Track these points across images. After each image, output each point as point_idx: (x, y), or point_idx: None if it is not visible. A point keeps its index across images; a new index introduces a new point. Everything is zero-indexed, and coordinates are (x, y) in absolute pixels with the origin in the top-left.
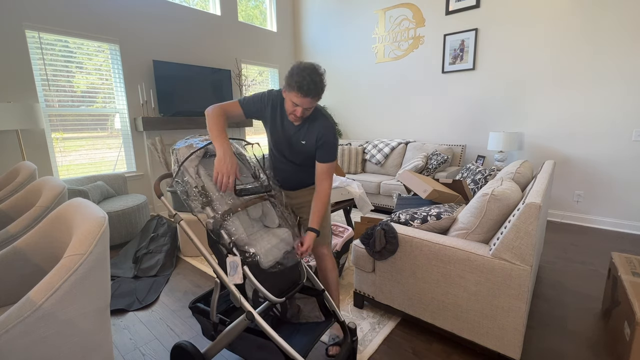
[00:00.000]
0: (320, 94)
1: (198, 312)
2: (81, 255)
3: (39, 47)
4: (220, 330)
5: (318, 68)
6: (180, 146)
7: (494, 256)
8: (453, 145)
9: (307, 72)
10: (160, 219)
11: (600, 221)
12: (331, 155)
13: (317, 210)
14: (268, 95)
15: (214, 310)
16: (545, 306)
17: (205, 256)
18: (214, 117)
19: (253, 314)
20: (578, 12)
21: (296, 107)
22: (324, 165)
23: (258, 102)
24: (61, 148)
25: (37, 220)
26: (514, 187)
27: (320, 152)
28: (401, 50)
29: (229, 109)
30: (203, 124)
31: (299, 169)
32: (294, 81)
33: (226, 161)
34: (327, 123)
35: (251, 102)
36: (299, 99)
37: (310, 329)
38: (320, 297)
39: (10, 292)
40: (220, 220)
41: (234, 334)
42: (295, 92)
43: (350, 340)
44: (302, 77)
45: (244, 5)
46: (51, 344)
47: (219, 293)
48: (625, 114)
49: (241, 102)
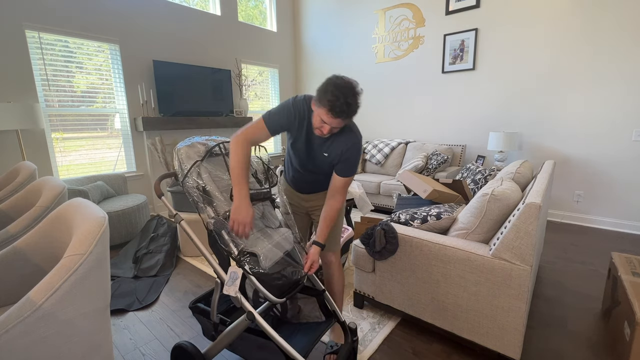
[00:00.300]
0: (353, 115)
1: (198, 312)
2: (81, 255)
3: (39, 47)
4: (221, 330)
5: (355, 87)
6: (182, 146)
7: (494, 256)
8: (453, 145)
9: (343, 91)
10: (160, 219)
11: (600, 221)
12: (351, 171)
13: (326, 225)
14: (294, 108)
15: (215, 310)
16: (545, 306)
17: (206, 256)
18: (238, 156)
19: (254, 314)
20: (578, 12)
21: (324, 124)
22: (342, 179)
23: (284, 119)
24: (61, 148)
25: (37, 220)
26: (514, 187)
27: (341, 166)
28: (401, 50)
29: (255, 136)
30: (203, 124)
31: (315, 176)
32: (326, 99)
33: (242, 211)
34: (354, 139)
35: (277, 121)
36: (329, 118)
37: (311, 329)
38: (321, 297)
39: (10, 292)
40: (222, 220)
41: (235, 334)
42: (326, 111)
43: (351, 340)
44: (335, 97)
45: (244, 5)
46: (51, 344)
47: (219, 293)
48: (625, 114)
49: (266, 122)
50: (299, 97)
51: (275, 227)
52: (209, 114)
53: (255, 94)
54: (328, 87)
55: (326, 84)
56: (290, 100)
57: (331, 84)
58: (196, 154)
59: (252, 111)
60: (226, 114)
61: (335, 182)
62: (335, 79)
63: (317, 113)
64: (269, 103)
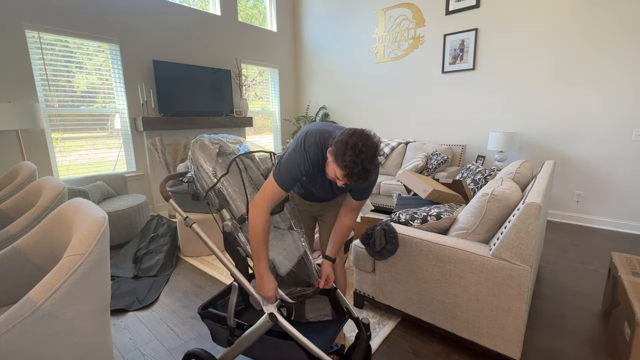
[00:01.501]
0: (369, 180)
1: (210, 318)
2: (81, 255)
3: (39, 47)
4: (237, 334)
5: (376, 151)
6: (195, 146)
7: (494, 256)
8: (453, 145)
9: (362, 157)
10: (160, 219)
11: (600, 221)
12: (367, 194)
13: (336, 241)
14: (305, 157)
15: (232, 314)
16: (545, 306)
17: (221, 259)
18: (259, 226)
19: (276, 316)
20: (578, 12)
21: (338, 179)
22: (357, 202)
23: (297, 174)
24: (61, 148)
25: (37, 220)
26: (514, 187)
27: (359, 191)
28: (401, 50)
29: (274, 201)
30: (203, 124)
31: (331, 198)
32: (344, 162)
33: (265, 285)
34: (376, 170)
35: (289, 179)
36: (344, 179)
37: (323, 328)
38: (333, 295)
39: (10, 292)
40: (237, 223)
41: (255, 337)
42: (342, 175)
43: (366, 336)
44: (354, 163)
45: (244, 5)
46: (51, 344)
47: (237, 296)
48: (625, 113)
49: (279, 183)
50: (310, 140)
51: (286, 228)
52: (209, 114)
53: (255, 94)
54: (347, 148)
55: (344, 142)
56: (301, 145)
57: (351, 144)
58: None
59: (252, 111)
60: (226, 114)
61: (350, 204)
62: (357, 139)
63: (332, 167)
64: (269, 103)
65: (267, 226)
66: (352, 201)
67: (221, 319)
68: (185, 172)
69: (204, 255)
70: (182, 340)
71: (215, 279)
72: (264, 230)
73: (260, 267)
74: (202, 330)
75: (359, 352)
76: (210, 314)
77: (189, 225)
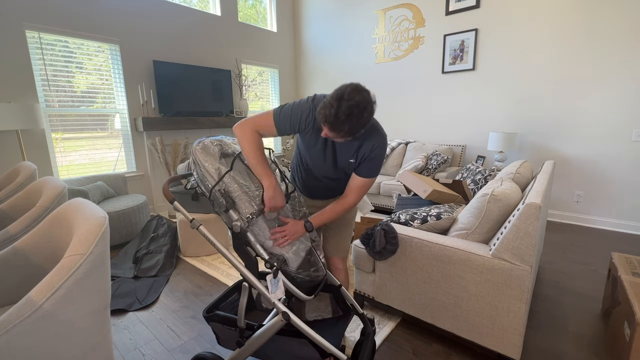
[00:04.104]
0: (353, 134)
1: (217, 320)
2: (81, 255)
3: (39, 47)
4: (247, 336)
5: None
6: (196, 147)
7: (494, 256)
8: (453, 146)
9: (340, 103)
10: (160, 219)
11: (600, 221)
12: (375, 172)
13: (327, 215)
14: (311, 109)
15: (242, 315)
16: (545, 306)
17: (230, 259)
18: (252, 144)
19: (289, 314)
20: (578, 12)
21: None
22: (363, 179)
23: (300, 119)
24: (61, 148)
25: (37, 220)
26: (513, 187)
27: (365, 166)
28: (401, 51)
29: (262, 128)
30: (203, 124)
31: (333, 183)
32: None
33: (277, 199)
34: (382, 140)
35: (290, 121)
36: (325, 129)
37: (328, 325)
38: (338, 292)
39: (10, 292)
40: (246, 222)
41: (267, 337)
42: (322, 124)
43: (372, 331)
44: (330, 105)
45: (244, 5)
46: (51, 344)
47: (247, 297)
48: (625, 114)
49: (276, 120)
50: (318, 96)
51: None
52: (209, 114)
53: (256, 94)
54: (332, 93)
55: (336, 90)
56: (309, 98)
57: (336, 91)
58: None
59: (252, 111)
60: (226, 114)
61: (356, 182)
62: (345, 88)
63: None
64: (269, 103)
65: (260, 143)
66: (359, 180)
67: (229, 320)
68: (188, 174)
69: (204, 256)
70: (182, 340)
71: (215, 279)
72: (258, 148)
73: (269, 182)
74: (202, 330)
75: (366, 346)
76: (218, 317)
77: (196, 227)
